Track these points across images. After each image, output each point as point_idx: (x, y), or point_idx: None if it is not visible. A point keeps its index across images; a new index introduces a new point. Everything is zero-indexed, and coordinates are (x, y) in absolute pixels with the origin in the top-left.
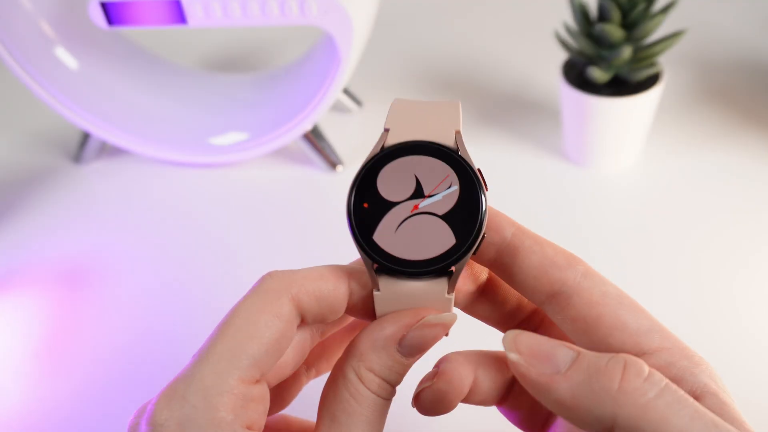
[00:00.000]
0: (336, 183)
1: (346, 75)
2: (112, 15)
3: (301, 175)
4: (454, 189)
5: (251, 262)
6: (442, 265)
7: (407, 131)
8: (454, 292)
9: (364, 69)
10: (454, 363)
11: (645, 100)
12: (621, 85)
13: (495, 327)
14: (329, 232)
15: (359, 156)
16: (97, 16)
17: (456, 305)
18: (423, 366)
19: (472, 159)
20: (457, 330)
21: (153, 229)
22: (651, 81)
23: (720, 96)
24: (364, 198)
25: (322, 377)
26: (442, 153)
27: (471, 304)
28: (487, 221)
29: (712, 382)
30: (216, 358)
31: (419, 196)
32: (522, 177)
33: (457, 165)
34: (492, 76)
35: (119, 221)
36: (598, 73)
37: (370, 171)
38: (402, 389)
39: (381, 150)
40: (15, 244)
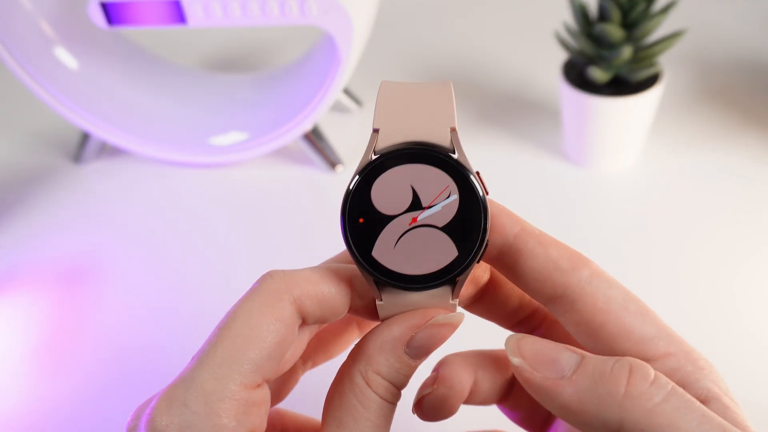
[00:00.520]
0: (336, 183)
1: (346, 75)
2: (112, 15)
3: (301, 175)
4: (453, 198)
5: (251, 262)
6: (444, 279)
7: (398, 129)
8: (458, 297)
9: (364, 69)
10: (453, 366)
11: (645, 100)
12: (621, 85)
13: (497, 323)
14: (329, 232)
15: (359, 156)
16: (97, 16)
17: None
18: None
19: (469, 161)
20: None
21: (153, 229)
22: (651, 81)
23: (720, 96)
24: (358, 213)
25: (317, 370)
26: (438, 159)
27: (472, 303)
28: (491, 220)
29: (715, 386)
30: (217, 362)
31: (417, 207)
32: (522, 177)
33: (455, 171)
34: (492, 76)
35: (119, 221)
36: (598, 73)
37: (363, 183)
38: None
39: (373, 158)
40: (15, 244)
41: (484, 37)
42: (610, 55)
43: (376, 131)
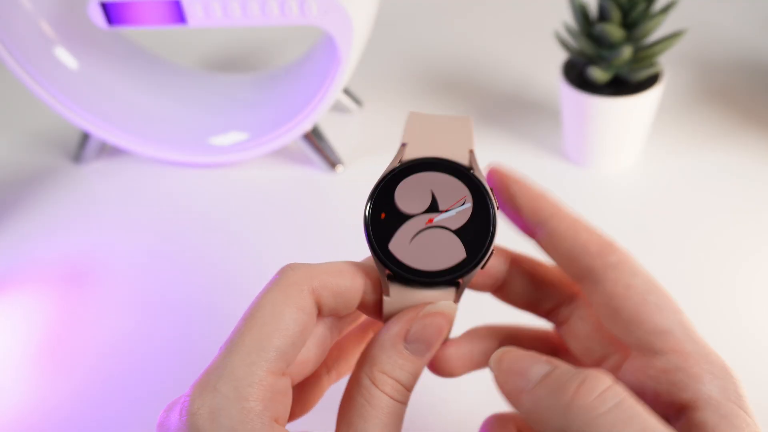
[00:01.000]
0: (336, 183)
1: (346, 75)
2: (112, 15)
3: (301, 175)
4: (467, 206)
5: (251, 262)
6: (450, 277)
7: (424, 147)
8: (459, 302)
9: (364, 69)
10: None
11: (645, 100)
12: (621, 85)
13: (528, 311)
14: (329, 232)
15: (359, 156)
16: (97, 16)
17: (485, 288)
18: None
19: (484, 178)
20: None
21: (153, 229)
22: (651, 81)
23: (720, 96)
24: (381, 208)
25: (342, 383)
26: (457, 171)
27: (497, 290)
28: (526, 205)
29: (720, 393)
30: (246, 350)
31: (434, 210)
32: None
33: (472, 183)
34: (492, 76)
35: (119, 221)
36: (598, 73)
37: (388, 183)
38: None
39: (400, 164)
40: (15, 244)
41: (484, 37)
42: (610, 55)
43: (404, 145)
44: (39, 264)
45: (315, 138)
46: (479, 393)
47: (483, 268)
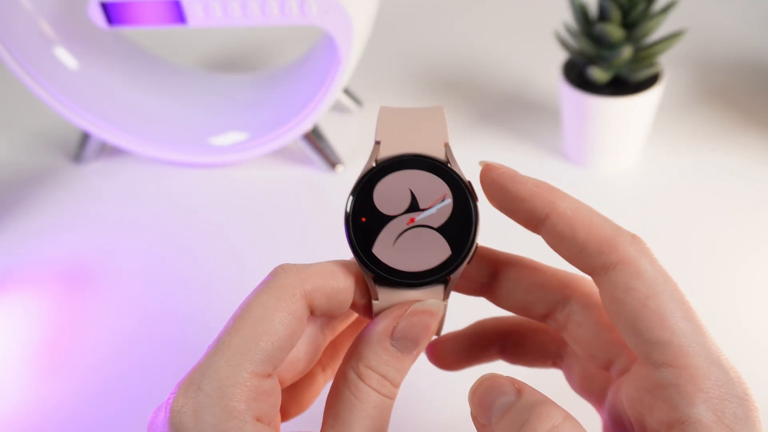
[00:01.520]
0: (336, 183)
1: (346, 75)
2: (112, 15)
3: (301, 175)
4: (447, 202)
5: (251, 262)
6: (437, 276)
7: (398, 143)
8: (448, 298)
9: (364, 69)
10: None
11: (645, 100)
12: (621, 85)
13: (522, 314)
14: (329, 232)
15: (359, 156)
16: (97, 16)
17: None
18: (423, 367)
19: (462, 171)
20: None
21: (153, 229)
22: (651, 81)
23: (720, 96)
24: (361, 212)
25: None
26: (434, 167)
27: (493, 289)
28: (521, 206)
29: (712, 416)
30: (231, 351)
31: (415, 209)
32: None
33: (450, 178)
34: (492, 76)
35: (119, 221)
36: (598, 73)
37: (366, 185)
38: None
39: (375, 164)
40: (15, 244)
41: (484, 37)
42: (610, 55)
43: (378, 143)
44: (39, 264)
45: (315, 138)
46: None
47: (470, 262)
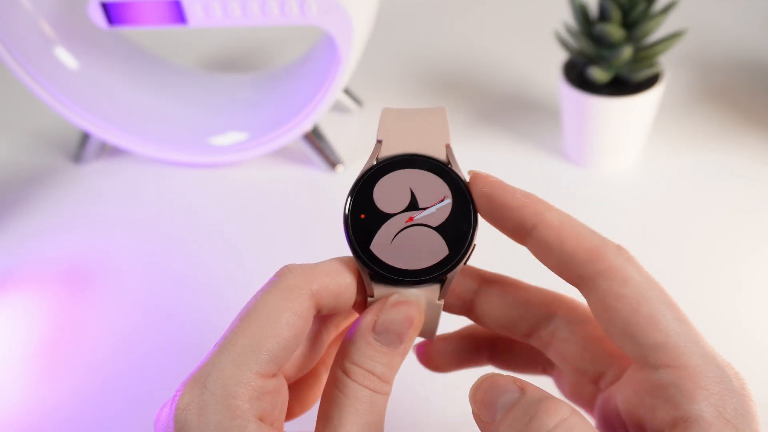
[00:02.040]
0: (336, 183)
1: (346, 75)
2: (112, 15)
3: (301, 175)
4: (447, 202)
5: (251, 262)
6: (435, 275)
7: (399, 143)
8: (444, 298)
9: (364, 69)
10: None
11: (645, 100)
12: (621, 85)
13: (505, 333)
14: (329, 232)
15: (359, 156)
16: (97, 16)
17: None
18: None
19: (462, 172)
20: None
21: (153, 229)
22: (651, 81)
23: (720, 96)
24: (361, 209)
25: None
26: (435, 167)
27: (474, 307)
28: (509, 215)
29: (713, 411)
30: (237, 351)
31: (414, 208)
32: (522, 177)
33: (450, 179)
34: (492, 76)
35: (119, 221)
36: (598, 73)
37: (366, 183)
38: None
39: (376, 162)
40: (15, 244)
41: (484, 37)
42: (610, 55)
43: (379, 142)
44: (39, 264)
45: (315, 138)
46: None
47: (466, 262)
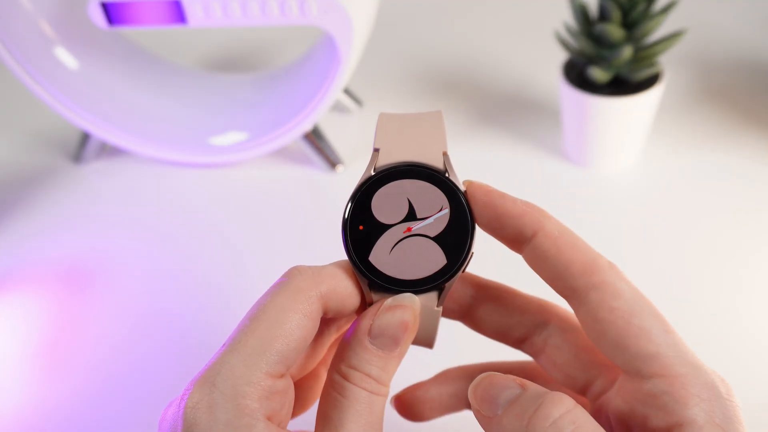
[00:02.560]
0: (336, 183)
1: (346, 75)
2: (112, 15)
3: (301, 175)
4: (444, 212)
5: (251, 262)
6: (433, 285)
7: (396, 152)
8: (442, 305)
9: (364, 69)
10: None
11: (645, 100)
12: (621, 85)
13: (498, 339)
14: (329, 232)
15: (359, 156)
16: (97, 16)
17: (452, 315)
18: (422, 367)
19: (459, 181)
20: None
21: (153, 229)
22: (651, 81)
23: (720, 96)
24: (359, 220)
25: None
26: (432, 177)
27: (463, 317)
28: (509, 223)
29: (705, 416)
30: (247, 350)
31: (412, 218)
32: (522, 177)
33: (447, 188)
34: (492, 76)
35: (119, 221)
36: (598, 73)
37: (364, 194)
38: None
39: (374, 173)
40: (15, 244)
41: (484, 37)
42: (610, 55)
43: (376, 151)
44: (39, 264)
45: (315, 138)
46: None
47: (464, 271)
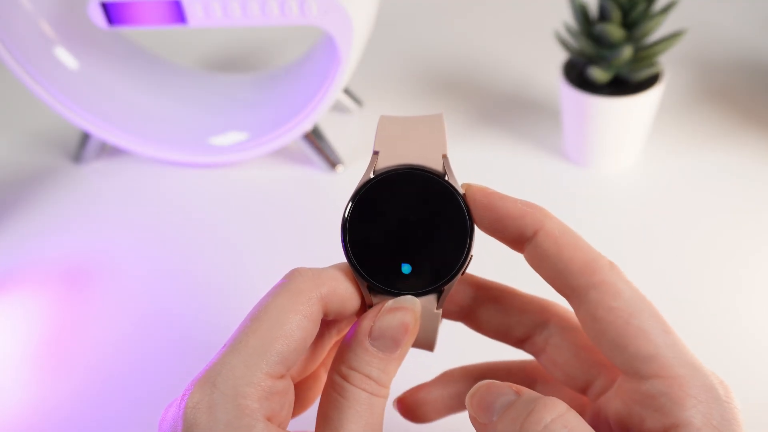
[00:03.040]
0: (336, 183)
1: (346, 75)
2: (112, 15)
3: (301, 175)
4: (443, 215)
5: (251, 262)
6: (432, 288)
7: (396, 155)
8: (441, 307)
9: (364, 69)
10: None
11: (645, 100)
12: (621, 85)
13: (499, 339)
14: (329, 232)
15: (359, 156)
16: (97, 16)
17: (451, 316)
18: (421, 368)
19: (458, 184)
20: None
21: (153, 229)
22: (651, 81)
23: (720, 96)
24: (358, 223)
25: None
26: (431, 180)
27: (463, 317)
28: (511, 223)
29: (702, 418)
30: (248, 351)
31: (410, 221)
32: (522, 177)
33: (446, 191)
34: (492, 76)
35: (119, 221)
36: (598, 73)
37: (363, 197)
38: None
39: (373, 176)
40: (15, 244)
41: (484, 37)
42: (610, 55)
43: (376, 153)
44: (39, 264)
45: (315, 138)
46: None
47: (463, 274)
